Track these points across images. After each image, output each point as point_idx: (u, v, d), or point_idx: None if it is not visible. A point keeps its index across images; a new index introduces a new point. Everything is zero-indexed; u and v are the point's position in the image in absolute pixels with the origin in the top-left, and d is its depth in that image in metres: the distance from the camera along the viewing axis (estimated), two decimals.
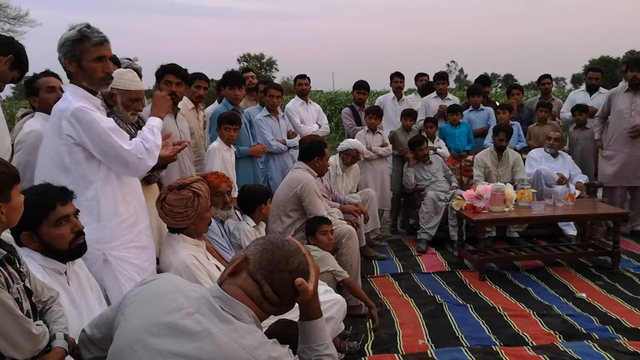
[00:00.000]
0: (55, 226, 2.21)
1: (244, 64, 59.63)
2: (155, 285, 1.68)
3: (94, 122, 2.57)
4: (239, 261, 1.63)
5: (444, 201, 6.24)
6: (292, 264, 1.62)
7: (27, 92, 3.66)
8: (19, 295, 1.86)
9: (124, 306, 1.64)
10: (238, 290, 1.59)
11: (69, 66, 2.65)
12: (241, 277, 1.61)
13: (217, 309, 1.54)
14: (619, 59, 47.34)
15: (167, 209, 2.97)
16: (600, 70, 7.74)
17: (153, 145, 2.77)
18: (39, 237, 2.20)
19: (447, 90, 7.82)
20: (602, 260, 5.48)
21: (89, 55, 2.63)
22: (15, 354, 1.79)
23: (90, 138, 2.59)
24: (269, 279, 1.59)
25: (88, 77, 2.66)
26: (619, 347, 3.63)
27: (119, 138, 2.65)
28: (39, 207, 2.18)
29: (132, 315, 1.59)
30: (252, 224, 3.93)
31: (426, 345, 3.78)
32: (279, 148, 5.46)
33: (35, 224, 2.18)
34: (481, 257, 5.15)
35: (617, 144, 6.38)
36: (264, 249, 1.63)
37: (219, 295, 1.57)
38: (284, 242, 1.66)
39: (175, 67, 4.14)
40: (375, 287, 4.97)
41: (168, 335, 1.49)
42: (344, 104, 21.35)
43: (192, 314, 1.52)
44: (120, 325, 1.60)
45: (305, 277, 1.65)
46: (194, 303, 1.55)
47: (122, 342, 1.55)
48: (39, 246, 2.21)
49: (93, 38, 2.63)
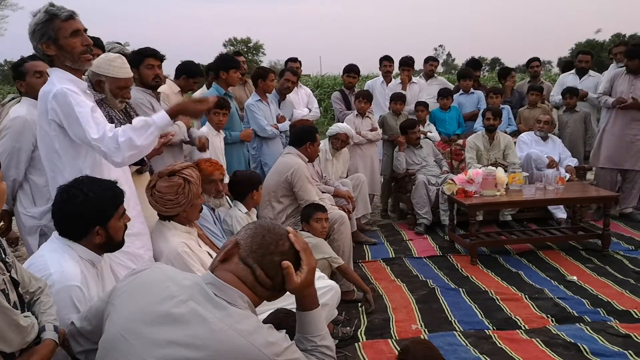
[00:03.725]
0: (119, 219, 2.29)
1: (231, 48, 59.06)
2: (146, 274, 1.65)
3: (69, 105, 2.51)
4: (230, 247, 1.61)
5: (434, 185, 6.22)
6: (283, 246, 1.61)
7: (14, 76, 3.58)
8: (5, 286, 1.80)
9: (114, 297, 1.61)
10: (231, 276, 1.57)
11: (48, 50, 2.58)
12: (233, 262, 1.59)
13: (211, 296, 1.51)
14: (604, 42, 47.51)
15: (157, 196, 2.91)
16: (591, 53, 7.71)
17: (127, 143, 2.50)
18: (105, 231, 2.25)
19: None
20: (591, 243, 5.50)
21: (63, 32, 2.56)
22: (3, 346, 1.73)
23: (67, 122, 2.54)
24: (261, 263, 1.58)
25: (69, 54, 2.59)
26: (611, 329, 3.64)
27: (89, 125, 2.51)
28: (114, 201, 2.28)
29: (123, 305, 1.55)
30: (243, 210, 3.89)
31: (419, 330, 3.78)
32: (273, 133, 5.40)
33: (109, 217, 2.25)
34: (473, 241, 5.15)
35: (612, 125, 6.40)
36: (254, 233, 1.62)
37: (212, 282, 1.55)
38: (275, 226, 1.65)
39: (154, 50, 4.05)
40: (367, 272, 4.95)
41: (161, 324, 1.47)
42: (331, 87, 21.26)
43: (185, 301, 1.50)
44: (110, 316, 1.56)
45: (296, 261, 1.63)
46: (186, 291, 1.53)
47: (113, 332, 1.52)
48: (103, 239, 2.26)
49: (62, 14, 2.56)
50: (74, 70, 2.64)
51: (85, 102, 2.57)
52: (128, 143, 2.51)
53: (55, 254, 2.22)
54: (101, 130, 2.51)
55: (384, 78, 7.53)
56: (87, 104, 2.58)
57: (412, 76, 7.49)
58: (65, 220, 2.24)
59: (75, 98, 2.53)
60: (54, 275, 2.13)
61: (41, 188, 3.45)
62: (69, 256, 2.20)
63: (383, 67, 7.49)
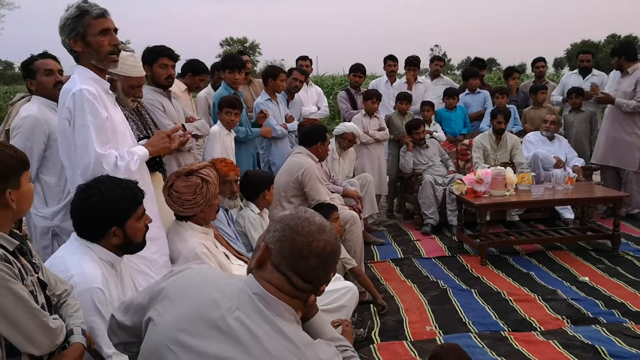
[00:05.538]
0: (138, 220, 2.24)
1: (227, 47, 59.02)
2: (183, 278, 1.55)
3: (83, 110, 2.48)
4: (261, 252, 1.49)
5: (441, 185, 6.19)
6: (317, 247, 1.45)
7: (24, 75, 3.53)
8: (33, 287, 1.77)
9: (155, 301, 1.52)
10: (268, 286, 1.45)
11: (75, 46, 2.55)
12: (267, 270, 1.47)
13: (261, 309, 1.41)
14: (600, 42, 47.74)
15: (175, 196, 2.86)
16: (591, 52, 7.70)
17: (124, 167, 2.57)
18: (123, 232, 2.20)
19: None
20: (600, 243, 5.48)
21: (92, 29, 2.53)
22: (33, 349, 1.70)
23: (75, 122, 2.50)
24: (295, 269, 1.44)
25: (95, 53, 2.56)
26: (628, 331, 3.62)
27: (98, 139, 2.51)
28: (132, 201, 2.22)
29: (166, 311, 1.47)
30: (256, 210, 3.84)
31: (434, 331, 3.74)
32: (282, 132, 5.36)
33: (126, 218, 2.20)
34: (482, 242, 5.12)
35: (608, 123, 6.45)
36: (283, 236, 1.46)
37: (259, 293, 1.44)
38: (304, 224, 1.47)
39: (169, 50, 4.01)
40: (376, 272, 4.91)
41: (209, 337, 1.38)
42: (330, 87, 21.27)
43: (232, 311, 1.40)
44: (153, 323, 1.48)
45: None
46: (233, 299, 1.43)
47: (156, 340, 1.44)
48: (120, 240, 2.21)
49: (93, 11, 2.53)
50: (98, 70, 2.61)
51: (100, 114, 2.53)
52: (124, 167, 2.56)
53: (75, 255, 2.18)
54: (107, 149, 2.54)
55: (388, 77, 7.50)
56: (101, 115, 2.53)
57: (418, 76, 7.46)
58: (82, 219, 2.20)
59: (91, 105, 2.50)
60: (75, 277, 2.09)
61: (53, 188, 3.41)
62: (89, 257, 2.17)
63: (387, 67, 7.44)
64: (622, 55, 6.26)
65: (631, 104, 6.11)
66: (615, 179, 6.54)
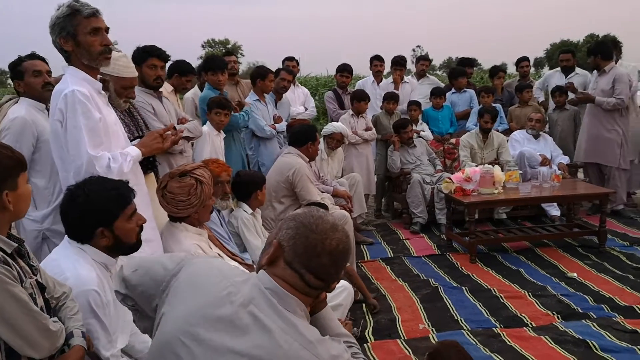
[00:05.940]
0: (128, 220, 2.19)
1: (209, 49, 58.78)
2: (194, 270, 1.55)
3: (75, 111, 2.46)
4: (274, 249, 1.49)
5: (429, 184, 6.22)
6: (330, 245, 1.46)
7: (12, 76, 3.48)
8: (32, 290, 1.75)
9: (166, 292, 1.52)
10: (281, 282, 1.46)
11: (65, 45, 2.52)
12: (279, 266, 1.47)
13: (274, 303, 1.42)
14: (579, 42, 48.34)
15: (169, 197, 2.85)
16: (571, 51, 7.80)
17: (117, 169, 2.56)
18: (111, 232, 2.15)
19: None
20: (587, 239, 5.56)
21: (83, 28, 2.51)
22: (32, 352, 1.68)
23: (67, 124, 2.48)
24: (309, 267, 1.45)
25: (86, 52, 2.54)
26: (617, 325, 3.67)
27: (91, 141, 2.49)
28: (119, 201, 2.18)
29: (178, 303, 1.47)
30: (249, 211, 3.82)
31: (427, 329, 3.76)
32: (271, 133, 5.35)
33: (113, 218, 2.15)
34: (472, 240, 5.16)
35: (588, 121, 6.52)
36: (296, 233, 1.47)
37: (272, 288, 1.44)
38: (317, 222, 1.48)
39: (160, 50, 3.98)
40: (367, 272, 4.92)
41: (223, 330, 1.38)
42: (315, 88, 21.23)
43: (245, 305, 1.40)
44: (164, 315, 1.48)
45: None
46: (245, 293, 1.43)
47: (169, 332, 1.43)
48: (110, 241, 2.17)
49: (84, 10, 2.51)
50: (90, 70, 2.58)
51: (92, 115, 2.51)
52: (117, 168, 2.55)
53: (70, 258, 2.16)
54: (99, 151, 2.52)
55: (375, 78, 7.50)
56: (93, 116, 2.51)
57: (404, 75, 7.49)
58: (69, 221, 2.18)
59: (84, 107, 2.48)
60: (70, 280, 2.07)
61: (42, 190, 3.36)
62: (83, 260, 2.15)
63: (374, 67, 7.46)
64: (598, 54, 6.35)
65: (611, 102, 6.19)
66: (598, 176, 6.62)
